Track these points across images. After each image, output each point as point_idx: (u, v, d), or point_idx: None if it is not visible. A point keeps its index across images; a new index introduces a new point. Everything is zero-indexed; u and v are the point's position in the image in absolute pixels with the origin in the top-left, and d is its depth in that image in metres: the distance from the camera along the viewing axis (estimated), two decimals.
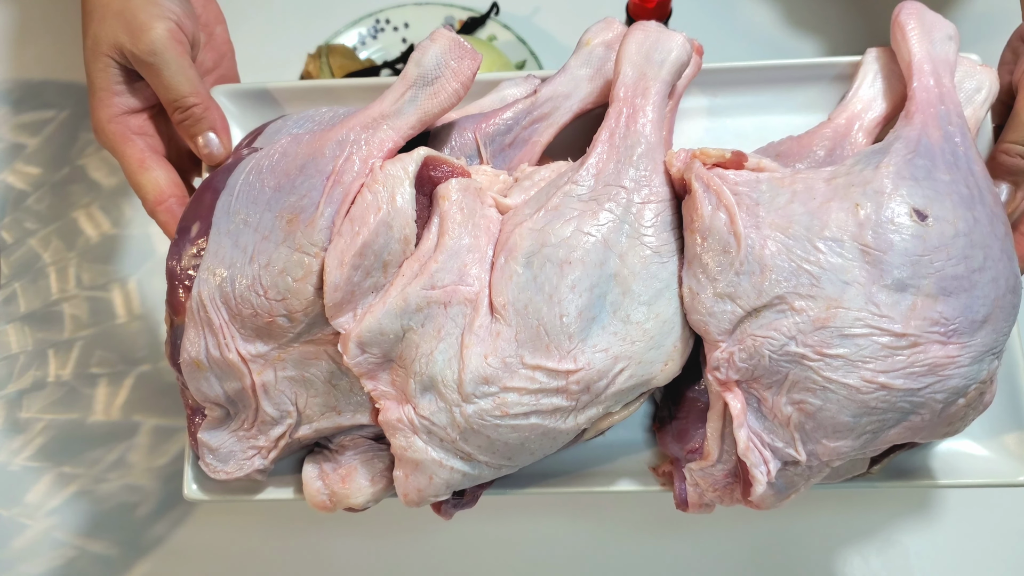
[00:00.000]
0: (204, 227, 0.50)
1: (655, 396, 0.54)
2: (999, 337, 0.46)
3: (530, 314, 0.47)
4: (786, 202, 0.47)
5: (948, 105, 0.50)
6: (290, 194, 0.49)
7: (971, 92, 0.54)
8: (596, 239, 0.47)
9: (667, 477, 0.53)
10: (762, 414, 0.47)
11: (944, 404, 0.46)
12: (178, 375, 0.52)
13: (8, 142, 0.82)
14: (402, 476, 0.50)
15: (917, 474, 0.53)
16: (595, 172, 0.49)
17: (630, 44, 0.51)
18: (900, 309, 0.44)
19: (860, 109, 0.54)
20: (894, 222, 0.45)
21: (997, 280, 0.46)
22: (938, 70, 0.52)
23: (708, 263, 0.46)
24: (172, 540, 0.70)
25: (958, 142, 0.49)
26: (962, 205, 0.46)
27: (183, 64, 0.54)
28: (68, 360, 0.76)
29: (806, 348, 0.45)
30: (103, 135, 0.57)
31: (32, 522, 0.72)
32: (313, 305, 0.48)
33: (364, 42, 0.83)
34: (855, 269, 0.45)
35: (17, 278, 0.79)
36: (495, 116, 0.54)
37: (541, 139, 0.55)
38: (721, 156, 0.48)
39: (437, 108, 0.50)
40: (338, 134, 0.49)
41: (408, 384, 0.48)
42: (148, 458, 0.72)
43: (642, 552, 0.66)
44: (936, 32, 0.53)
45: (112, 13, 0.55)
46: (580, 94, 0.55)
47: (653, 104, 0.50)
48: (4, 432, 0.74)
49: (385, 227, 0.47)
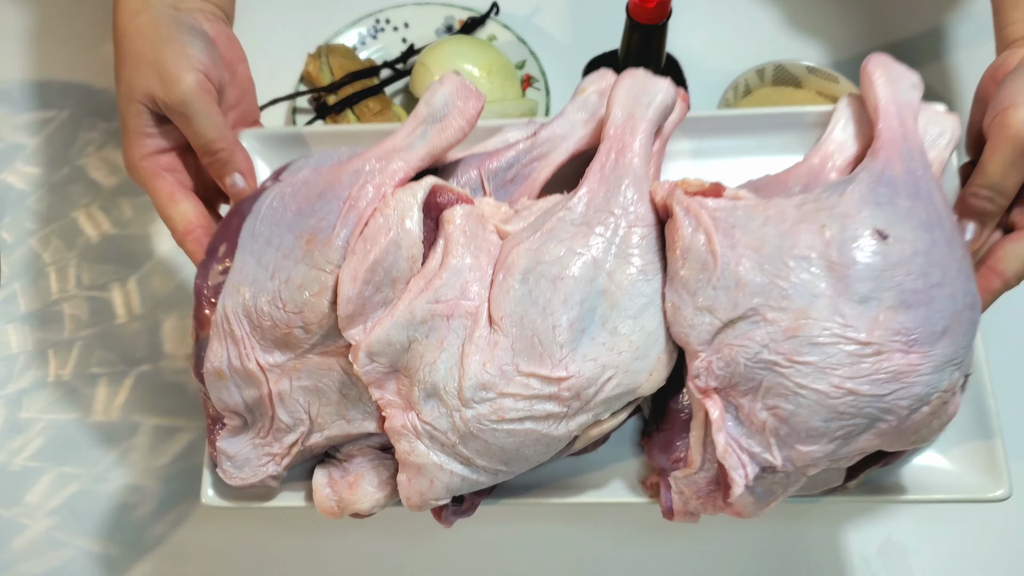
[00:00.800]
0: (230, 248, 0.55)
1: (643, 412, 0.58)
2: (958, 349, 0.50)
3: (525, 325, 0.51)
4: (759, 225, 0.51)
5: (911, 144, 0.55)
6: (310, 217, 0.54)
7: (935, 136, 0.59)
8: (586, 258, 0.52)
9: (654, 488, 0.56)
10: (739, 421, 0.50)
11: (909, 410, 0.49)
12: (200, 386, 0.56)
13: (8, 142, 0.83)
14: (405, 480, 0.53)
15: (891, 489, 0.56)
16: (587, 200, 0.54)
17: (620, 88, 0.57)
18: (864, 320, 0.48)
19: (832, 150, 0.59)
20: (857, 241, 0.49)
21: (955, 296, 0.50)
22: (902, 113, 0.57)
23: (688, 280, 0.51)
24: (172, 540, 0.70)
25: (920, 175, 0.54)
26: (921, 228, 0.50)
27: (211, 112, 0.60)
28: (68, 360, 0.76)
29: (778, 355, 0.49)
30: (135, 171, 0.62)
31: (32, 522, 0.71)
32: (328, 318, 0.53)
33: (364, 42, 0.85)
34: (822, 283, 0.49)
35: (17, 278, 0.78)
36: (498, 154, 0.60)
37: (540, 176, 0.60)
38: (701, 186, 0.53)
39: (445, 143, 0.56)
40: (355, 165, 0.54)
41: (412, 391, 0.52)
42: (148, 458, 0.72)
43: (642, 554, 0.67)
44: (901, 81, 0.58)
45: (145, 63, 0.60)
46: (576, 136, 0.60)
47: (640, 141, 0.55)
48: (4, 432, 0.74)
49: (395, 247, 0.52)
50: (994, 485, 0.55)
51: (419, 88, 0.85)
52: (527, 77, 0.88)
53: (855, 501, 0.56)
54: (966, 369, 0.53)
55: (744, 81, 0.83)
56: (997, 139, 0.56)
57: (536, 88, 0.87)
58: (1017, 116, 0.55)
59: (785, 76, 0.84)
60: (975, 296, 0.51)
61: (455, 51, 0.84)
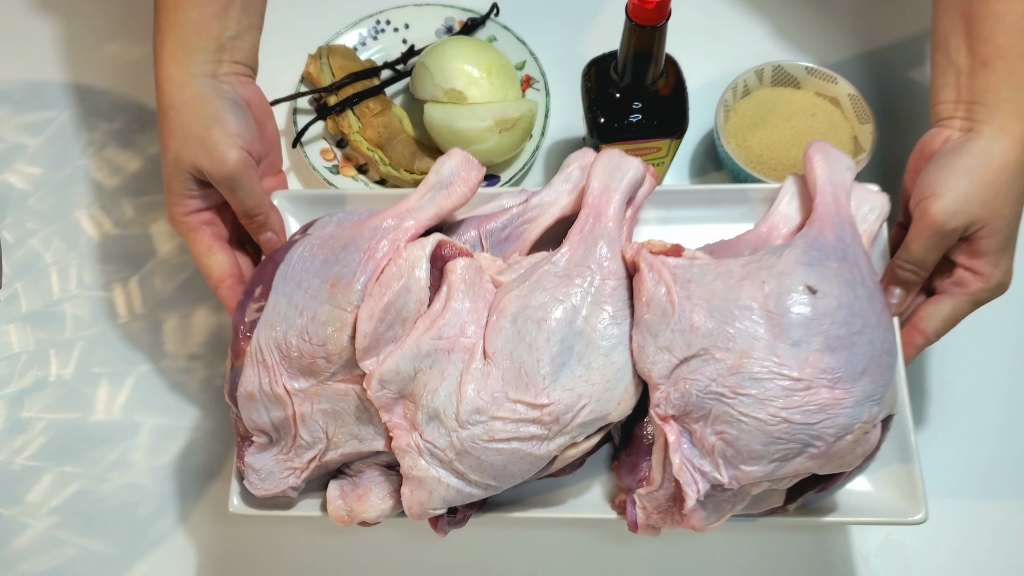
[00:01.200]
0: (265, 290, 0.65)
1: (614, 440, 0.67)
2: (877, 387, 0.59)
3: (514, 359, 0.61)
4: (711, 280, 0.61)
5: (842, 216, 0.66)
6: (334, 265, 0.63)
7: (867, 212, 0.69)
8: (567, 304, 0.61)
9: (622, 506, 0.65)
10: (693, 444, 0.60)
11: (835, 438, 0.58)
12: (233, 408, 0.65)
13: (10, 142, 0.82)
14: (408, 492, 0.62)
15: (824, 511, 0.65)
16: (568, 256, 0.64)
17: (598, 164, 0.67)
18: (796, 360, 0.58)
19: (778, 221, 0.70)
20: (791, 294, 0.59)
21: (873, 343, 0.59)
22: (836, 191, 0.67)
23: (651, 324, 0.60)
24: (173, 539, 0.70)
25: (848, 243, 0.64)
26: (846, 285, 0.60)
27: (253, 185, 0.69)
28: (69, 360, 0.75)
29: (725, 388, 0.58)
30: (177, 225, 0.70)
31: (33, 521, 0.71)
32: (346, 350, 0.62)
33: (364, 43, 0.84)
34: (761, 329, 0.59)
35: (19, 278, 0.77)
36: (495, 217, 0.70)
37: (530, 236, 0.70)
38: (664, 247, 0.63)
39: (450, 206, 0.66)
40: (374, 222, 0.64)
41: (417, 415, 0.61)
42: (149, 457, 0.71)
43: (632, 553, 0.69)
44: (837, 164, 0.69)
45: (194, 138, 0.68)
46: (561, 203, 0.70)
47: (614, 208, 0.65)
48: (6, 431, 0.72)
49: (405, 291, 0.62)
50: (914, 510, 0.64)
51: (419, 89, 0.86)
52: (527, 78, 0.89)
53: (794, 522, 0.64)
54: (887, 407, 0.62)
55: (743, 82, 0.86)
56: (920, 224, 0.66)
57: (536, 88, 0.89)
58: (935, 207, 0.65)
59: (784, 77, 0.88)
60: (892, 344, 0.61)
61: (455, 52, 0.85)
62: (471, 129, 0.83)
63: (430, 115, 0.85)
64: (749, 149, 0.87)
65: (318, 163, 0.88)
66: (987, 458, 0.76)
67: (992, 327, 0.79)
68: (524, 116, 0.85)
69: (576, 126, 0.90)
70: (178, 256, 0.84)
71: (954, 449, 0.76)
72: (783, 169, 0.86)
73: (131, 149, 0.88)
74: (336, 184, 0.86)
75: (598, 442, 0.63)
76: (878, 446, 0.62)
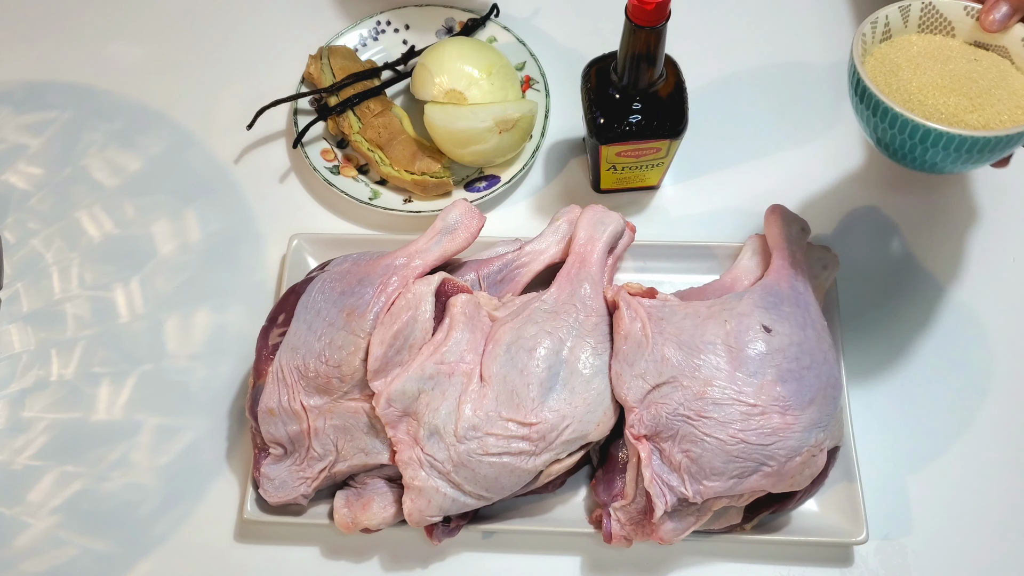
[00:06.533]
0: (288, 317, 0.73)
1: (593, 461, 0.75)
2: (823, 416, 0.68)
3: (507, 383, 0.69)
4: (680, 319, 0.70)
5: (796, 269, 0.75)
6: (350, 297, 0.72)
7: (819, 269, 0.79)
8: (554, 336, 0.70)
9: (598, 521, 0.73)
10: (662, 460, 0.68)
11: (786, 458, 0.67)
12: (252, 421, 0.72)
13: (11, 143, 0.81)
14: (409, 500, 0.69)
15: (777, 529, 0.72)
16: (555, 296, 0.72)
17: (584, 218, 0.77)
18: (752, 388, 0.66)
19: (740, 273, 0.79)
20: (749, 332, 0.68)
21: (820, 376, 0.68)
22: (791, 248, 0.77)
23: (628, 354, 0.69)
24: (174, 539, 0.70)
25: (801, 292, 0.73)
26: (797, 327, 0.70)
27: None
28: (71, 360, 0.74)
29: (690, 411, 0.66)
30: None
31: (34, 521, 0.70)
32: (359, 372, 0.70)
33: (365, 43, 0.84)
34: (723, 361, 0.67)
35: (20, 278, 0.76)
36: (492, 261, 0.79)
37: (522, 279, 0.79)
38: (640, 289, 0.72)
39: (454, 249, 0.75)
40: (386, 260, 0.73)
41: (419, 431, 0.69)
42: (150, 457, 0.71)
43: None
44: (793, 225, 0.79)
45: None
46: (550, 252, 0.79)
47: (597, 255, 0.74)
48: (7, 431, 0.72)
49: (412, 321, 0.70)
50: (857, 531, 0.72)
51: (419, 89, 0.86)
52: (527, 78, 0.89)
53: (750, 540, 0.72)
54: (833, 436, 0.70)
55: (885, 17, 0.69)
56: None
57: (536, 89, 0.89)
58: None
59: (934, 21, 0.69)
60: (837, 379, 0.70)
61: (456, 53, 0.84)
62: (471, 129, 0.83)
63: (430, 116, 0.84)
64: (902, 93, 0.66)
65: (319, 163, 0.87)
66: (986, 457, 0.76)
67: (991, 330, 0.80)
68: (524, 117, 0.84)
69: (576, 126, 0.90)
70: (179, 256, 0.84)
71: (953, 449, 0.76)
72: (942, 117, 0.64)
73: (132, 149, 0.88)
74: (336, 184, 0.85)
75: (579, 460, 0.71)
76: (826, 472, 0.71)
